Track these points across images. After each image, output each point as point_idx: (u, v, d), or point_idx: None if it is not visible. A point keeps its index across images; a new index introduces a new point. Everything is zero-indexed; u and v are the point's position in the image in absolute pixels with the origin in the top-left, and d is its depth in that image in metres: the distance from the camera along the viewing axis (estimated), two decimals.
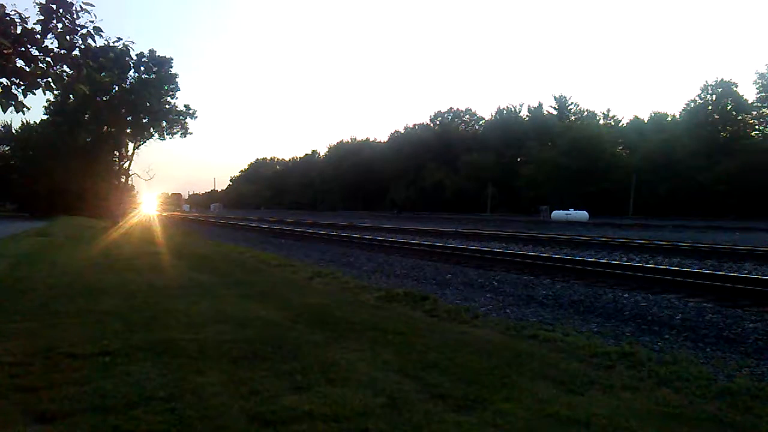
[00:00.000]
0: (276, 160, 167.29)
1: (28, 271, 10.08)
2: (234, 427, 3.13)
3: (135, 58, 43.74)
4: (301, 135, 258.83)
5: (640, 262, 13.27)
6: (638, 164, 64.76)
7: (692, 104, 69.88)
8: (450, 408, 3.53)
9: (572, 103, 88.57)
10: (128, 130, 47.16)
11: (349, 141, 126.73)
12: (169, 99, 48.03)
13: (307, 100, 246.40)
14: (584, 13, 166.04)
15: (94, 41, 5.32)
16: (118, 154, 49.60)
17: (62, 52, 5.22)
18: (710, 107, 68.00)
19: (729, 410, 3.76)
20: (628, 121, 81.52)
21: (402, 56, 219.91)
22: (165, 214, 61.41)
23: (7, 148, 55.80)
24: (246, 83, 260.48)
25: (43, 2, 5.06)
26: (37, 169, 46.50)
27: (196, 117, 50.86)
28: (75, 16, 5.16)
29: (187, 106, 50.06)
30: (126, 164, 49.57)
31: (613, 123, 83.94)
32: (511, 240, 22.14)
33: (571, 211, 52.73)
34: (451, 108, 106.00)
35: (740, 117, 67.20)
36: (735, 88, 66.84)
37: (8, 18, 5.00)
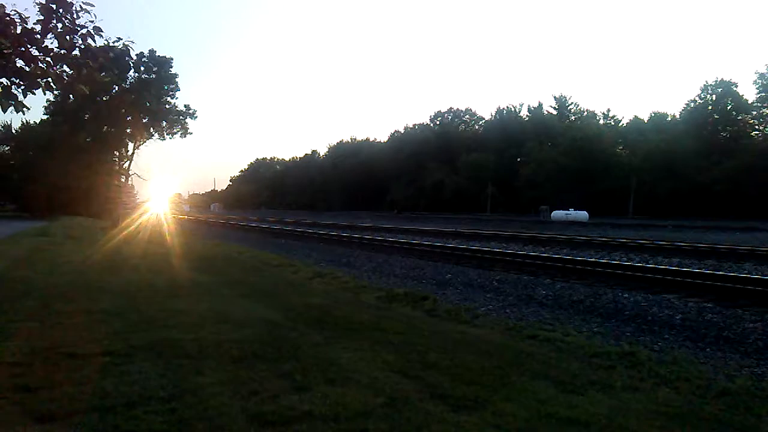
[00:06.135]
0: (276, 160, 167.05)
1: (28, 271, 10.08)
2: (234, 427, 3.13)
3: (135, 58, 43.67)
4: (301, 135, 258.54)
5: (640, 262, 13.26)
6: (638, 164, 64.72)
7: (692, 104, 69.84)
8: (450, 408, 3.53)
9: (572, 103, 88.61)
10: (128, 130, 47.11)
11: (349, 141, 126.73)
12: (169, 99, 47.96)
13: (307, 100, 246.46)
14: (584, 13, 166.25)
15: (94, 41, 5.33)
16: (118, 154, 49.55)
17: (62, 52, 5.22)
18: (710, 107, 67.97)
19: (729, 410, 3.76)
20: (628, 121, 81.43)
21: (402, 56, 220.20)
22: (171, 215, 61.36)
23: (7, 148, 55.71)
24: (246, 83, 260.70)
25: (43, 2, 5.06)
26: (37, 169, 46.41)
27: (196, 117, 50.74)
28: (75, 16, 5.17)
29: (187, 106, 49.98)
30: (126, 164, 49.53)
31: (613, 123, 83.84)
32: (511, 240, 22.14)
33: (571, 211, 52.66)
34: (451, 108, 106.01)
35: (740, 117, 67.17)
36: (735, 88, 66.81)
37: (8, 18, 5.00)
